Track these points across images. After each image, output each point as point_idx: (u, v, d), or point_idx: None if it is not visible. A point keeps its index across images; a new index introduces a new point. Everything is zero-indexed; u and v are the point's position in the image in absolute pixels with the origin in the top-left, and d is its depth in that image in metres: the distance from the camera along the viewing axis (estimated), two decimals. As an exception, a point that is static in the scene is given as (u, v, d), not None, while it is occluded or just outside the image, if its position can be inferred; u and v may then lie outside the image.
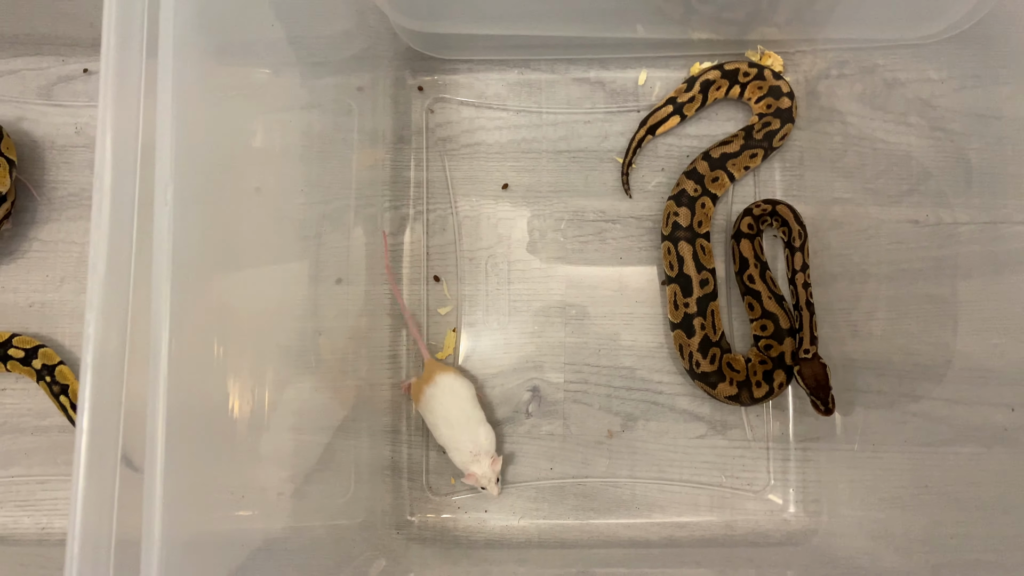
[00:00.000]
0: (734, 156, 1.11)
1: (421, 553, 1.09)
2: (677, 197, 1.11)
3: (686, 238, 1.09)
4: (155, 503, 0.56)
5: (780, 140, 1.13)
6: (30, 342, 1.09)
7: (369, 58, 1.15)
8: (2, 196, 1.06)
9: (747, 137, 1.12)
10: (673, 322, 1.10)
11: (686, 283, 1.08)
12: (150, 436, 0.57)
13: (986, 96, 1.02)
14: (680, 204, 1.10)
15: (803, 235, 1.09)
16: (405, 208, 1.17)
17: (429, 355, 1.10)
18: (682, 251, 1.08)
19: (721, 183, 1.12)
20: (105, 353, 0.55)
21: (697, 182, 1.11)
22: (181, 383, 0.63)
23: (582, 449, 1.12)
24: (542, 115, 1.18)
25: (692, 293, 1.08)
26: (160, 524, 0.56)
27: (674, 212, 1.10)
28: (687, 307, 1.08)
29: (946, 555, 0.96)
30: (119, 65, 0.61)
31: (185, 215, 0.64)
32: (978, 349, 0.97)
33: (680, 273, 1.09)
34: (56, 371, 1.08)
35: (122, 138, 0.59)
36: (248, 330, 0.91)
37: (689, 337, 1.07)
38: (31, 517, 1.10)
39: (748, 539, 1.09)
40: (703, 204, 1.10)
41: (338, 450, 1.06)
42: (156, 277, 0.57)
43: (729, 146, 1.12)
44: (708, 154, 1.12)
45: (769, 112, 1.13)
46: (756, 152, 1.12)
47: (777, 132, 1.12)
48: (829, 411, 1.03)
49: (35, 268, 1.13)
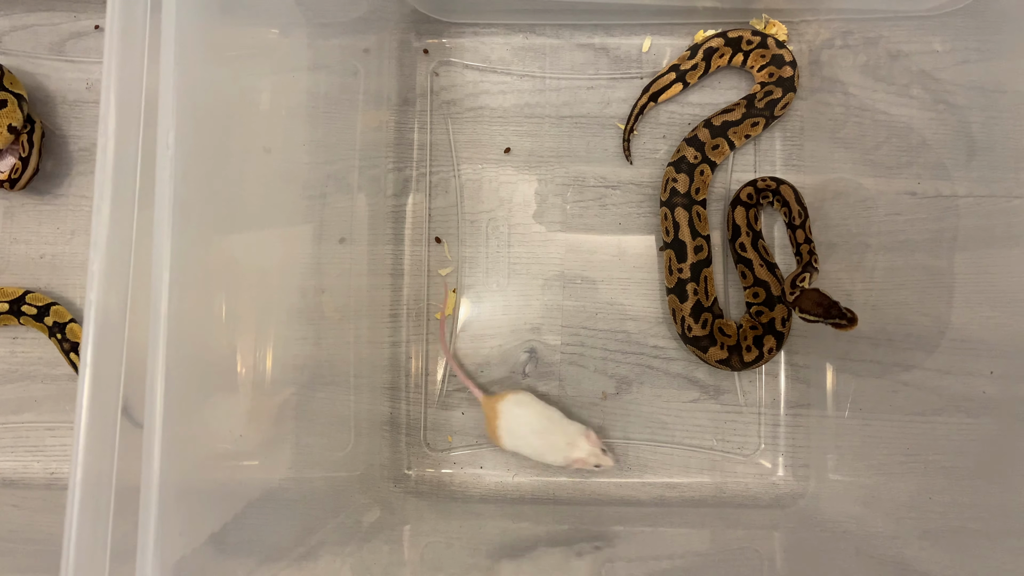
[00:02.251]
0: (736, 124, 1.12)
1: (417, 506, 1.12)
2: (677, 163, 1.12)
3: (683, 204, 1.10)
4: (154, 451, 0.59)
5: (782, 109, 1.13)
6: (43, 299, 1.12)
7: (375, 20, 1.16)
8: (16, 129, 1.07)
9: (749, 105, 1.13)
10: (668, 287, 1.11)
11: (681, 249, 1.09)
12: (150, 387, 0.59)
13: (989, 69, 1.02)
14: (679, 170, 1.11)
15: (803, 215, 1.10)
16: (408, 170, 1.18)
17: (482, 393, 1.12)
18: (678, 217, 1.10)
19: (721, 151, 1.13)
20: (107, 306, 0.57)
21: (698, 149, 1.11)
22: (182, 336, 0.65)
23: (577, 410, 1.14)
24: (545, 80, 1.18)
25: (686, 259, 1.09)
26: (159, 472, 0.59)
27: (673, 178, 1.11)
28: (681, 272, 1.09)
29: (931, 522, 0.98)
30: (124, 21, 0.63)
31: (188, 168, 0.66)
32: (971, 321, 0.98)
33: (675, 239, 1.10)
34: (67, 329, 1.11)
35: (127, 93, 0.61)
36: (253, 286, 0.93)
37: (682, 302, 1.09)
38: (40, 462, 1.14)
39: (737, 501, 1.12)
40: (702, 171, 1.11)
41: (339, 405, 1.08)
42: (158, 228, 0.58)
43: (731, 114, 1.13)
44: (710, 121, 1.13)
45: (771, 81, 1.13)
46: (758, 120, 1.12)
47: (779, 101, 1.12)
48: (853, 319, 0.98)
49: (46, 221, 1.16)
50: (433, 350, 1.16)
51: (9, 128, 1.06)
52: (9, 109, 1.07)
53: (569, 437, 1.07)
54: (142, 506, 0.62)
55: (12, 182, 1.10)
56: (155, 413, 0.62)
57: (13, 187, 1.11)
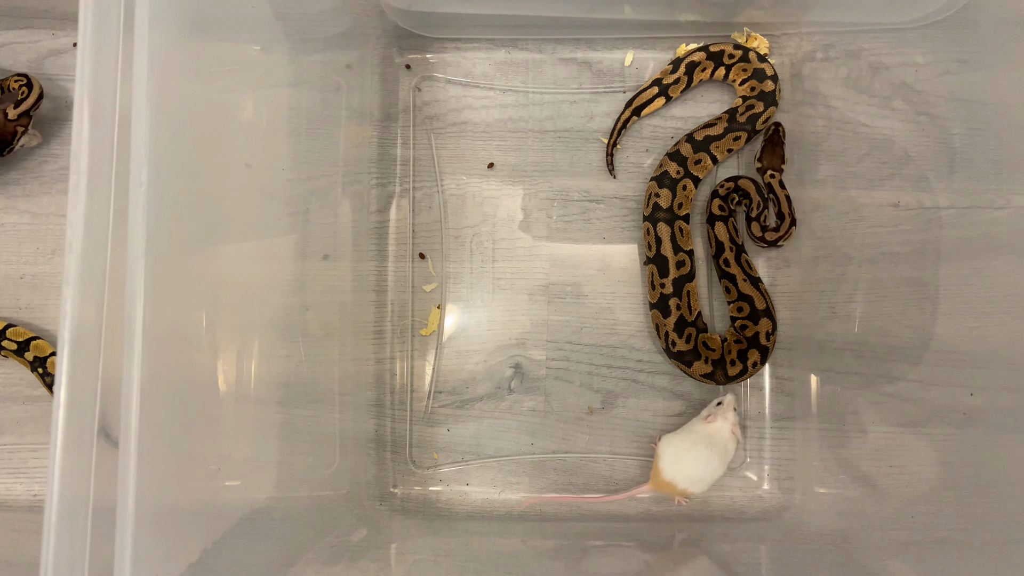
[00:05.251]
0: (718, 138, 1.12)
1: (404, 524, 1.11)
2: (659, 178, 1.12)
3: (665, 219, 1.10)
4: (130, 472, 0.58)
5: (763, 123, 1.13)
6: (24, 334, 1.11)
7: (357, 35, 1.16)
8: None
9: (731, 120, 1.13)
10: (651, 302, 1.11)
11: (663, 264, 1.09)
12: (124, 406, 0.58)
13: (970, 81, 1.02)
14: (662, 185, 1.11)
15: (762, 205, 1.11)
16: (391, 186, 1.18)
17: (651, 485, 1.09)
18: (660, 232, 1.10)
19: (704, 165, 1.13)
20: (82, 328, 0.56)
21: (680, 164, 1.11)
22: (160, 355, 0.65)
23: (563, 425, 1.14)
24: (529, 95, 1.18)
25: (668, 274, 1.09)
26: (134, 493, 0.58)
27: (655, 193, 1.11)
28: (663, 288, 1.09)
29: (916, 533, 0.98)
30: (96, 39, 0.62)
31: (165, 190, 0.65)
32: (955, 332, 0.99)
33: (657, 254, 1.10)
34: (48, 362, 1.10)
35: (99, 113, 0.60)
36: (236, 303, 0.92)
37: (665, 317, 1.09)
38: (23, 484, 1.13)
39: (723, 514, 1.12)
40: (684, 186, 1.11)
41: (324, 423, 1.08)
42: (131, 253, 0.58)
43: (713, 128, 1.13)
44: (692, 136, 1.13)
45: (753, 95, 1.13)
46: (739, 135, 1.13)
47: (760, 115, 1.12)
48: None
49: (27, 240, 1.15)
50: (418, 367, 1.16)
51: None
52: None
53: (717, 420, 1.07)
54: (118, 528, 0.61)
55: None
56: (130, 432, 0.61)
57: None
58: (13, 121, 1.09)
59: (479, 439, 1.15)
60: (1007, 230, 0.95)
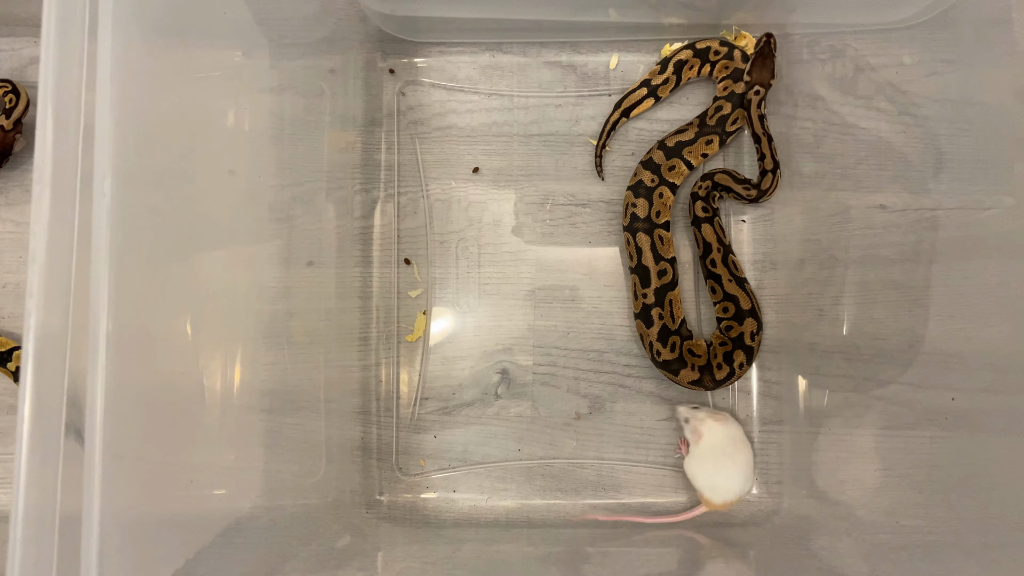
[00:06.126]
0: (690, 144, 1.12)
1: (390, 531, 1.11)
2: (635, 188, 1.11)
3: (644, 229, 1.10)
4: (94, 482, 0.58)
5: (732, 125, 1.12)
6: (6, 344, 1.10)
7: (340, 40, 1.16)
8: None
9: (701, 124, 1.13)
10: (634, 312, 1.11)
11: (644, 274, 1.09)
12: (89, 414, 0.58)
13: (956, 82, 1.02)
14: (637, 195, 1.11)
15: (763, 175, 1.11)
16: (376, 191, 1.17)
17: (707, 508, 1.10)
18: (640, 242, 1.09)
19: (679, 171, 1.12)
20: (46, 337, 0.56)
21: (654, 172, 1.11)
22: (130, 365, 0.64)
23: (550, 431, 1.14)
24: (513, 99, 1.18)
25: (650, 284, 1.09)
26: (99, 503, 0.57)
27: (632, 203, 1.11)
28: (645, 298, 1.09)
29: (906, 537, 0.98)
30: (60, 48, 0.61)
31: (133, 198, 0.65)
32: (943, 334, 0.98)
33: (639, 264, 1.10)
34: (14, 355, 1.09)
35: (63, 123, 0.59)
36: (219, 309, 0.92)
37: (648, 327, 1.09)
38: (7, 495, 1.12)
39: (712, 519, 1.11)
40: (661, 194, 1.11)
41: (309, 430, 1.07)
42: (95, 263, 0.57)
43: (684, 134, 1.12)
44: (663, 143, 1.13)
45: (723, 95, 1.13)
46: (711, 138, 1.12)
47: (728, 117, 1.12)
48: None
49: (8, 249, 1.15)
50: (404, 373, 1.15)
51: None
52: None
53: None
54: (84, 537, 0.60)
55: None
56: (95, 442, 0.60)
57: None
58: (10, 131, 1.09)
59: (466, 445, 1.14)
60: (995, 231, 0.94)
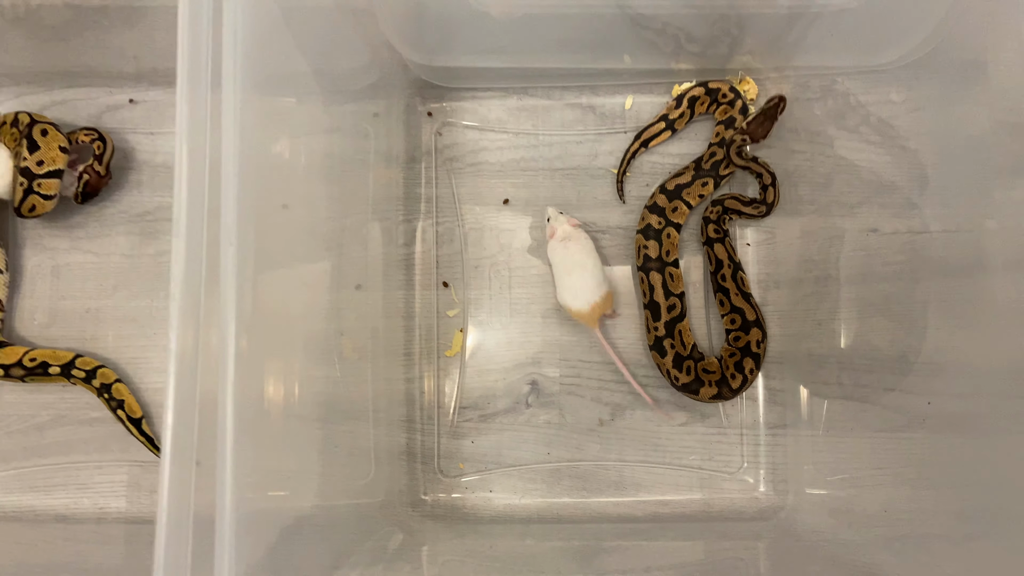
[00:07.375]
0: (687, 186, 1.21)
1: (434, 528, 1.20)
2: (644, 231, 1.21)
3: (656, 268, 1.19)
4: (226, 488, 0.68)
5: (725, 170, 1.22)
6: (90, 363, 1.20)
7: (383, 87, 1.25)
8: (66, 149, 1.18)
9: (697, 168, 1.22)
10: (649, 344, 1.21)
11: (655, 309, 1.19)
12: (220, 430, 0.68)
13: (940, 117, 1.06)
14: (648, 237, 1.20)
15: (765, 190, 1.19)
16: (416, 221, 1.29)
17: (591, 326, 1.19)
18: (653, 281, 1.19)
19: (681, 212, 1.22)
20: (183, 355, 0.67)
21: (660, 215, 1.21)
22: (244, 384, 0.74)
23: (576, 436, 1.24)
24: (539, 137, 1.29)
25: (660, 318, 1.18)
26: (231, 506, 0.67)
27: (643, 245, 1.20)
28: (657, 331, 1.18)
29: (899, 529, 1.05)
30: (191, 98, 0.71)
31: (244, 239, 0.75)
32: (931, 346, 1.04)
33: (651, 300, 1.19)
34: (112, 389, 1.20)
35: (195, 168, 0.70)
36: (280, 330, 0.98)
37: (663, 357, 1.18)
38: (90, 499, 1.23)
39: (724, 515, 1.21)
40: (668, 235, 1.21)
41: (359, 437, 1.16)
42: (224, 302, 0.69)
43: (682, 177, 1.22)
44: (664, 187, 1.22)
45: (716, 142, 1.23)
46: (707, 181, 1.21)
47: (721, 162, 1.21)
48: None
49: (91, 278, 1.26)
50: (444, 385, 1.25)
51: (61, 149, 1.17)
52: (53, 134, 1.17)
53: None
54: (217, 537, 0.69)
55: (84, 195, 1.21)
56: (226, 452, 0.70)
57: (84, 201, 1.22)
58: (104, 176, 1.21)
59: (500, 450, 1.24)
60: (977, 252, 0.98)
